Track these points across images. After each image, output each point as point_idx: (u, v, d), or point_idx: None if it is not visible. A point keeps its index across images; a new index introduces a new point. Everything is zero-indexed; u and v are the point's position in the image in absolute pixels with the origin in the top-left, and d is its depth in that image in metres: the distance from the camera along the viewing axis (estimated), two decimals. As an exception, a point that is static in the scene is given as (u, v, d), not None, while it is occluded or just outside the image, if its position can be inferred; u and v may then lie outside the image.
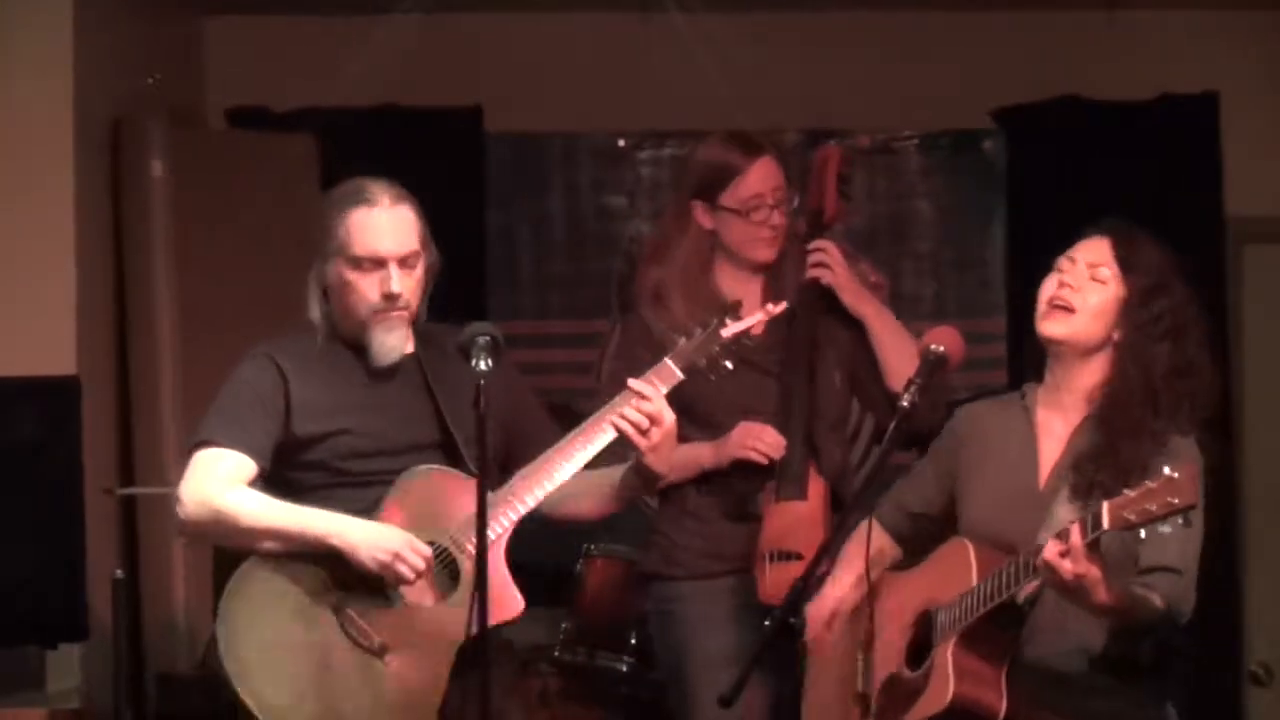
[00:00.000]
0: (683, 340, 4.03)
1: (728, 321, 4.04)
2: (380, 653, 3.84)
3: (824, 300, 4.71)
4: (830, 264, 4.71)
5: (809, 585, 3.99)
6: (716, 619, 4.60)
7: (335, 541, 3.82)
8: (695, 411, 4.55)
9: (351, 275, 3.92)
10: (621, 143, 7.29)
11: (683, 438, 4.58)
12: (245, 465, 3.89)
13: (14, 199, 5.72)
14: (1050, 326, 3.93)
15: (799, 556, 4.46)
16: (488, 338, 3.77)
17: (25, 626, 5.30)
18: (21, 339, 5.64)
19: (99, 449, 5.72)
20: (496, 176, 7.17)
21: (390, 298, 3.91)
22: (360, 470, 3.91)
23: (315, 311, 3.98)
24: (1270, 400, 7.08)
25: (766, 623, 3.92)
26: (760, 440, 4.57)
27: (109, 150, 6.16)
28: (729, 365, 4.06)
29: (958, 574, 3.89)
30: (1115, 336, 3.92)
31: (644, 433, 3.91)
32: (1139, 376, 3.87)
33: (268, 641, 3.84)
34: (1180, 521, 3.54)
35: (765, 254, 4.69)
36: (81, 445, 5.35)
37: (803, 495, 4.56)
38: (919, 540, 4.16)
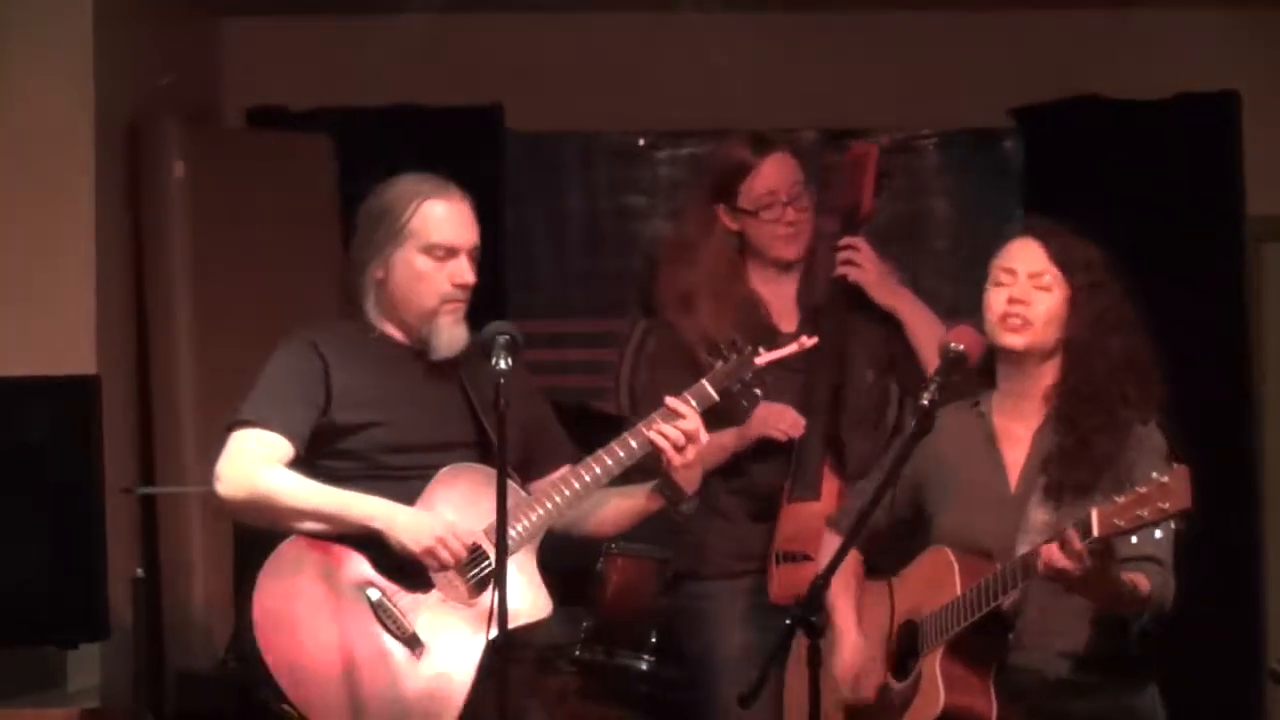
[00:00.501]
0: (719, 364, 4.07)
1: (762, 351, 4.09)
2: (412, 643, 3.85)
3: (855, 297, 4.71)
4: (859, 261, 4.71)
5: (828, 583, 3.98)
6: (741, 617, 4.63)
7: (378, 524, 3.84)
8: (720, 407, 4.57)
9: (423, 264, 3.96)
10: (640, 142, 7.29)
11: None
12: (282, 446, 3.90)
13: (34, 200, 5.73)
14: (1009, 339, 3.97)
15: (807, 558, 4.47)
16: (507, 336, 3.80)
17: (45, 626, 5.31)
18: (41, 338, 5.66)
19: (118, 448, 5.72)
20: (514, 176, 7.17)
21: (463, 287, 3.96)
22: (396, 464, 3.92)
23: (371, 305, 3.99)
24: (1289, 397, 7.07)
25: (788, 621, 3.92)
26: (782, 419, 4.59)
27: (128, 151, 6.17)
28: (759, 393, 4.12)
29: (941, 583, 3.91)
30: (1064, 335, 3.96)
31: (680, 449, 3.95)
32: (1098, 371, 3.93)
33: (299, 641, 3.84)
34: (1173, 526, 3.56)
35: (787, 251, 4.69)
36: (101, 444, 5.35)
37: (816, 496, 4.57)
38: (883, 547, 4.17)
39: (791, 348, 4.14)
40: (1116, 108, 6.98)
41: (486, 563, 3.89)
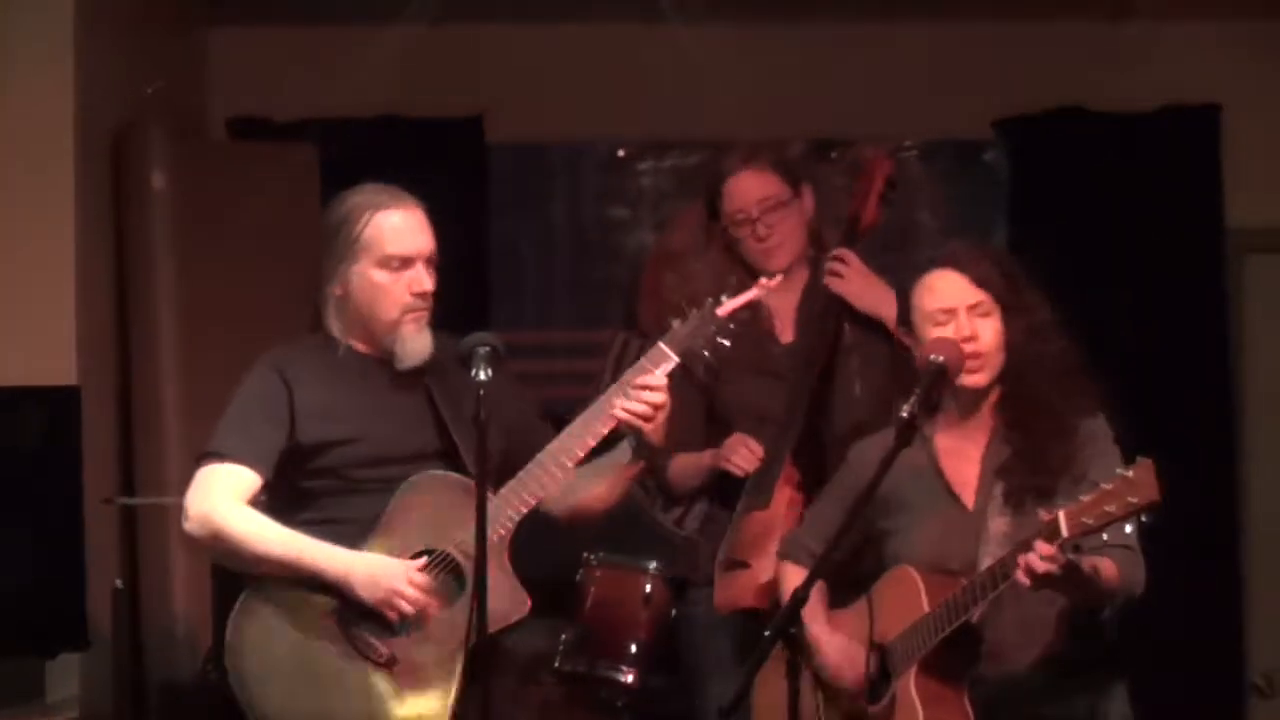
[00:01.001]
0: (676, 323, 4.00)
1: (723, 300, 4.01)
2: (389, 664, 3.83)
3: (849, 308, 4.72)
4: (843, 271, 4.71)
5: (808, 596, 3.98)
6: (727, 623, 4.63)
7: (331, 576, 3.83)
8: (714, 415, 4.61)
9: (381, 277, 3.94)
10: (623, 153, 7.29)
11: (710, 443, 4.65)
12: (248, 478, 3.90)
13: (15, 208, 5.72)
14: (973, 379, 3.96)
15: (746, 565, 4.48)
16: (488, 348, 3.79)
17: (25, 636, 5.30)
18: (22, 348, 5.64)
19: (99, 459, 5.71)
20: (498, 186, 7.17)
21: (422, 296, 3.95)
22: (371, 477, 3.92)
23: (334, 321, 3.98)
24: (1272, 411, 7.07)
25: (766, 633, 3.92)
26: (735, 454, 4.60)
27: (110, 160, 6.15)
28: (727, 343, 4.01)
29: (908, 604, 3.91)
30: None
31: (648, 420, 3.91)
32: (1038, 379, 3.94)
33: (277, 659, 3.83)
34: (1142, 519, 3.55)
35: (768, 263, 4.69)
36: (81, 455, 5.35)
37: (766, 504, 4.58)
38: (837, 576, 4.16)
39: (751, 293, 4.05)
40: (1100, 120, 6.99)
41: (456, 570, 3.86)
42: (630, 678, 5.17)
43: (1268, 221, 7.00)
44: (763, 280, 4.10)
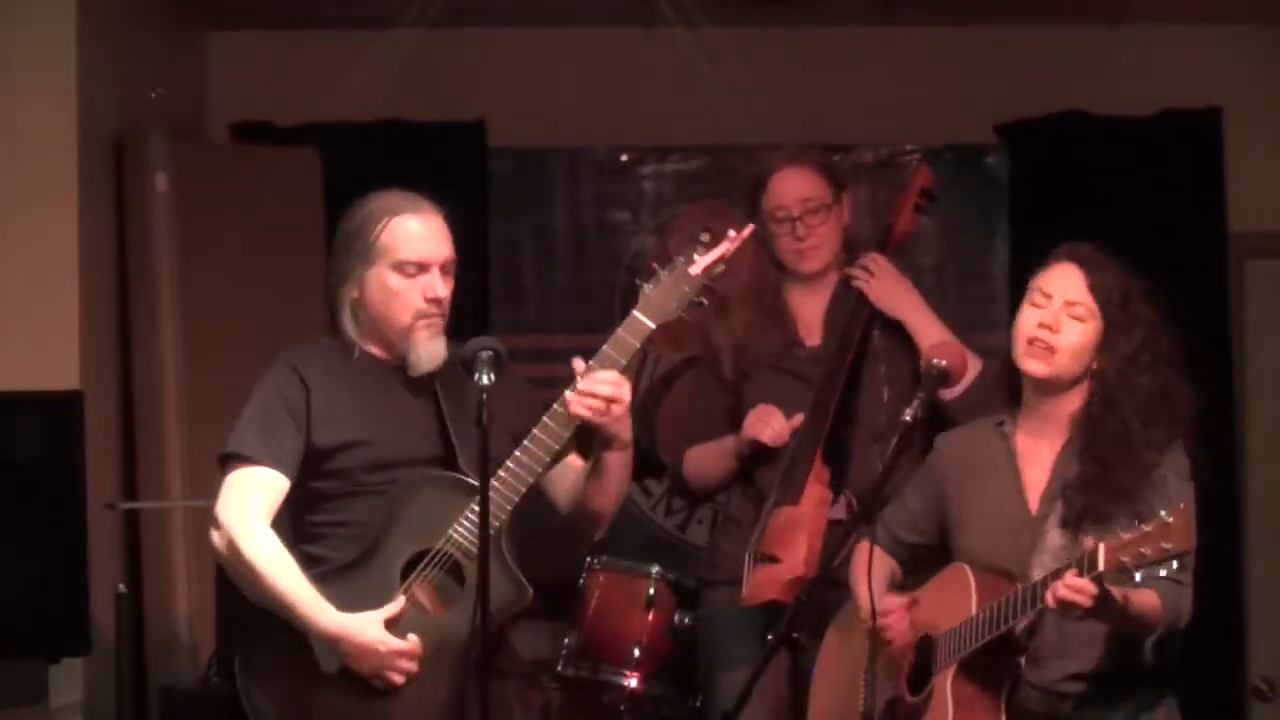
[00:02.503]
0: (648, 288, 3.88)
1: (695, 258, 3.88)
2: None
3: (879, 315, 4.73)
4: (873, 270, 4.71)
5: (812, 598, 3.99)
6: (745, 623, 4.64)
7: (315, 636, 3.82)
8: (737, 416, 4.62)
9: (395, 282, 3.93)
10: (624, 157, 7.29)
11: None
12: (277, 484, 3.90)
13: (18, 213, 5.72)
14: (1033, 365, 3.96)
15: (776, 560, 4.48)
16: (490, 352, 3.78)
17: (28, 640, 5.30)
18: (25, 353, 5.64)
19: (102, 463, 5.72)
20: (499, 191, 7.17)
21: (435, 302, 3.93)
22: (379, 481, 3.91)
23: (349, 324, 3.98)
24: (1272, 414, 7.07)
25: (769, 637, 3.93)
26: (769, 423, 4.60)
27: (112, 165, 6.17)
28: (704, 302, 3.88)
29: (958, 600, 3.91)
30: (1095, 365, 3.95)
31: (603, 414, 3.86)
32: (1126, 409, 3.91)
33: (287, 660, 3.84)
34: (1175, 566, 3.55)
35: (803, 265, 4.70)
36: (84, 459, 5.35)
37: (796, 500, 4.57)
38: (916, 565, 4.18)
39: (722, 247, 3.87)
40: (1101, 123, 6.99)
41: (455, 569, 3.86)
42: (633, 682, 5.18)
43: (1269, 226, 7.00)
44: (732, 233, 3.91)
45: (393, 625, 3.81)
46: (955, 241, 7.33)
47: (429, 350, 3.94)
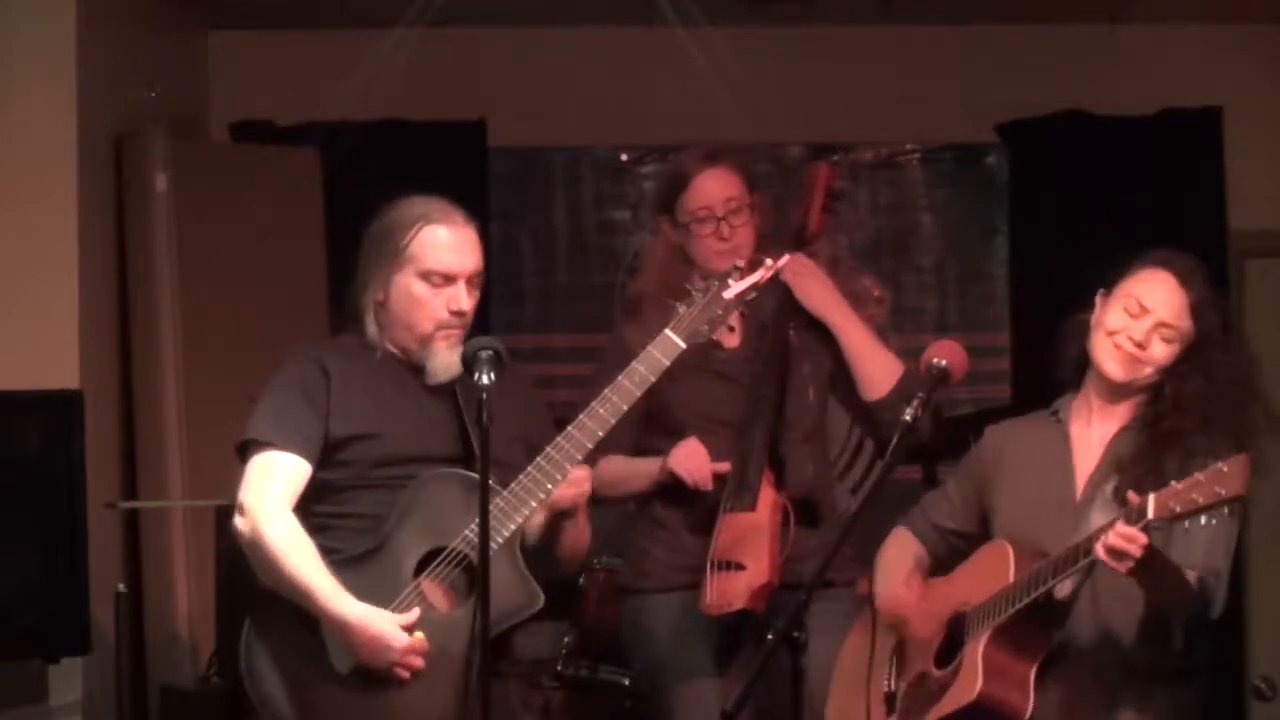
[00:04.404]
0: (682, 308, 3.97)
1: (730, 283, 3.98)
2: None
3: (801, 314, 4.69)
4: (800, 271, 4.67)
5: (810, 599, 3.98)
6: (684, 631, 4.59)
7: (328, 624, 3.82)
8: (664, 421, 4.56)
9: (420, 290, 3.94)
10: (624, 157, 7.30)
11: (653, 447, 4.60)
12: (301, 470, 3.90)
13: (18, 212, 5.72)
14: (1111, 368, 3.94)
15: (741, 567, 4.45)
16: (490, 352, 3.78)
17: (28, 640, 5.30)
18: (24, 353, 5.64)
19: (102, 463, 5.72)
20: (499, 191, 7.18)
21: (459, 314, 3.94)
22: (391, 475, 3.91)
23: (373, 324, 3.98)
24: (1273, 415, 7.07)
25: (769, 636, 3.91)
26: (694, 465, 4.54)
27: (112, 164, 6.17)
28: (732, 327, 4.00)
29: (996, 574, 3.91)
30: (1171, 369, 3.93)
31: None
32: (1191, 411, 3.88)
33: (293, 655, 3.84)
34: (1226, 512, 3.54)
35: (721, 265, 4.64)
36: (84, 459, 5.35)
37: (751, 506, 4.54)
38: (951, 557, 4.17)
39: (758, 274, 4.01)
40: (1101, 123, 7.00)
41: (468, 568, 3.86)
42: (632, 681, 5.18)
43: (1269, 226, 7.01)
44: (768, 261, 4.05)
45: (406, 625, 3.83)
46: (955, 241, 7.34)
47: (446, 361, 3.94)
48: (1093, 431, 4.01)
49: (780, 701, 4.20)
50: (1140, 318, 3.93)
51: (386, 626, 3.80)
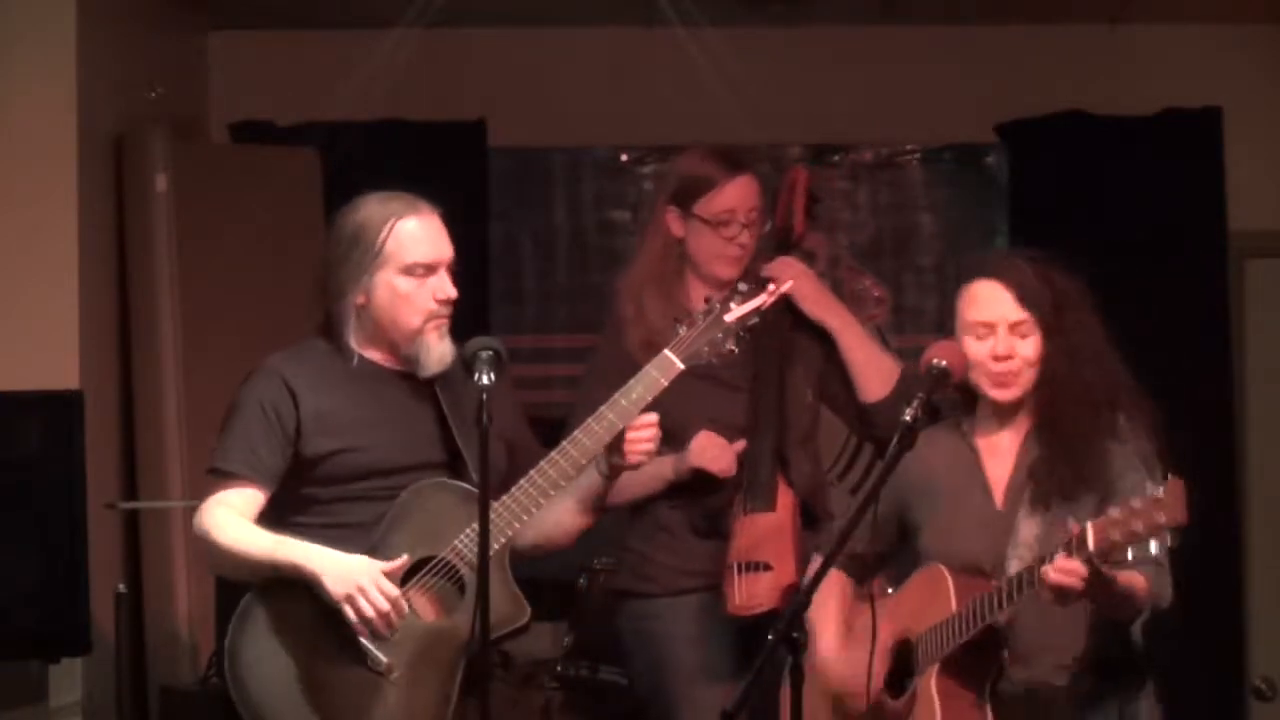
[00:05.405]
0: (683, 329, 3.94)
1: (731, 306, 3.95)
2: (388, 673, 3.82)
3: (793, 315, 4.69)
4: (794, 274, 4.66)
5: (810, 599, 3.98)
6: (693, 635, 4.59)
7: (307, 571, 3.80)
8: (663, 425, 4.55)
9: (405, 285, 3.90)
10: (624, 157, 7.30)
11: None
12: (255, 500, 3.89)
13: (17, 212, 5.73)
14: (1000, 394, 3.95)
15: (768, 567, 4.46)
16: (491, 352, 3.77)
17: (28, 640, 5.30)
18: (24, 353, 5.65)
19: (101, 463, 5.72)
20: (499, 190, 7.18)
21: (446, 302, 3.92)
22: (376, 486, 3.89)
23: (353, 331, 3.96)
24: (1272, 413, 7.08)
25: (769, 636, 3.91)
26: (720, 455, 4.54)
27: (112, 164, 6.17)
28: (734, 349, 3.97)
29: (936, 601, 3.91)
30: (1042, 368, 3.95)
31: (652, 455, 3.95)
32: (1077, 400, 3.91)
33: (275, 666, 3.83)
34: (1168, 540, 3.55)
35: (727, 271, 4.63)
36: (84, 459, 5.35)
37: (771, 507, 4.54)
38: (869, 574, 4.17)
39: (760, 298, 3.96)
40: (1101, 123, 7.00)
41: (456, 578, 3.86)
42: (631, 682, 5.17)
43: (1269, 226, 7.01)
44: (771, 287, 4.03)
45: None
46: (955, 241, 7.34)
47: (439, 351, 3.92)
48: (1001, 438, 4.01)
49: (779, 702, 4.20)
50: (988, 336, 3.94)
51: (359, 559, 3.78)
